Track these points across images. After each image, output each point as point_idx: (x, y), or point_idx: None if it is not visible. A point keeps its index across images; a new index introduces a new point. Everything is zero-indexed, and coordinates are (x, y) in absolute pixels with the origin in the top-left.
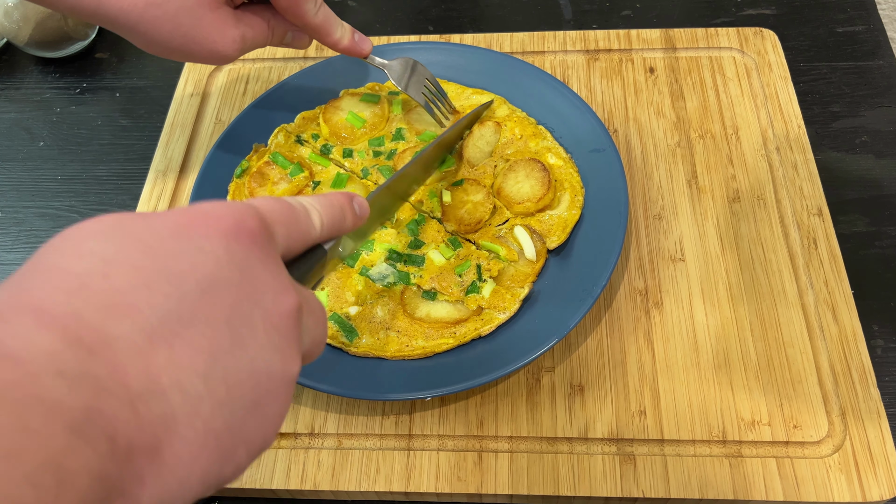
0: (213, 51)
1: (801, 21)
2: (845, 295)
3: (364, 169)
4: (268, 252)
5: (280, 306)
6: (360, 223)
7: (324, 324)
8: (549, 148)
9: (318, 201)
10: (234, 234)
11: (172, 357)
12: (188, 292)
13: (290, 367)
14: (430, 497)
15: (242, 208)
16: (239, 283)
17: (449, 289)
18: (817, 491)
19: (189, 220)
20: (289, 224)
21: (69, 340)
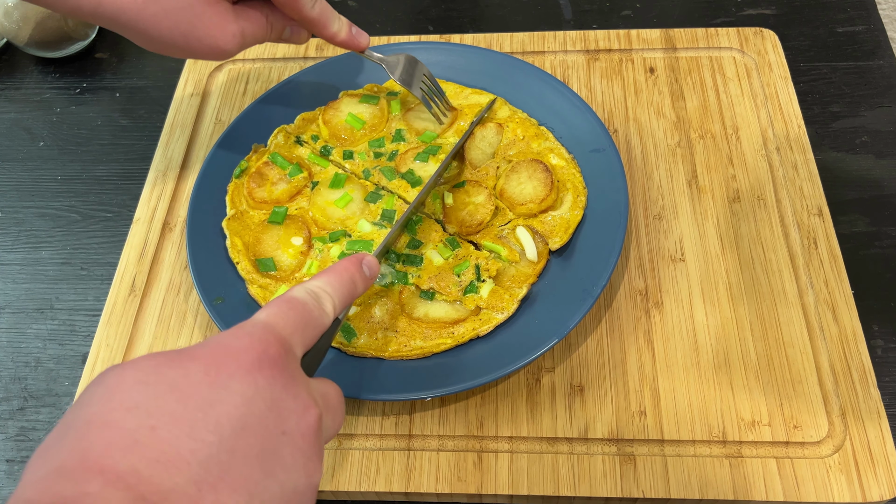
0: (213, 46)
1: (801, 21)
2: (845, 295)
3: (365, 170)
4: (289, 374)
5: (303, 426)
6: (371, 283)
7: (341, 411)
8: (552, 148)
9: (328, 283)
10: (258, 367)
11: (218, 500)
12: (226, 437)
13: (314, 478)
14: (430, 497)
15: (261, 335)
16: (267, 417)
17: (447, 289)
18: (817, 491)
19: (218, 360)
20: (306, 327)
21: (134, 497)
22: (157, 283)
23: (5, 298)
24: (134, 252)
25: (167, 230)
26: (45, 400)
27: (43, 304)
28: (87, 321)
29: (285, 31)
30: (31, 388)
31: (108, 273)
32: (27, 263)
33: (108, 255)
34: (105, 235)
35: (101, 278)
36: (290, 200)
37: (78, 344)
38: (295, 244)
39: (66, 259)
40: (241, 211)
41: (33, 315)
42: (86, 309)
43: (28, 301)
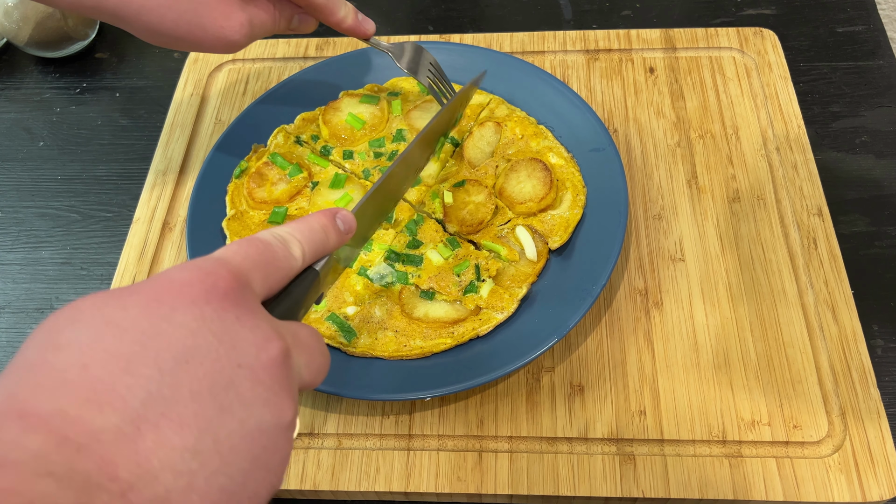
0: (219, 37)
1: (801, 21)
2: (845, 295)
3: (365, 170)
4: (244, 307)
5: (263, 359)
6: (347, 237)
7: (321, 354)
8: (551, 147)
9: (297, 228)
10: (206, 298)
11: (160, 438)
12: (167, 370)
13: (283, 416)
14: (430, 497)
15: (213, 268)
16: (217, 349)
17: (447, 288)
18: (817, 491)
19: (159, 293)
20: (267, 265)
21: (56, 440)
22: None
23: (5, 298)
24: (134, 252)
25: (167, 230)
26: None
27: (43, 304)
28: None
29: (293, 20)
30: None
31: (108, 273)
32: (27, 263)
33: (108, 254)
34: (105, 235)
35: (101, 278)
36: (290, 200)
37: None
38: None
39: (66, 259)
40: (241, 211)
41: (33, 315)
42: None
43: (28, 301)
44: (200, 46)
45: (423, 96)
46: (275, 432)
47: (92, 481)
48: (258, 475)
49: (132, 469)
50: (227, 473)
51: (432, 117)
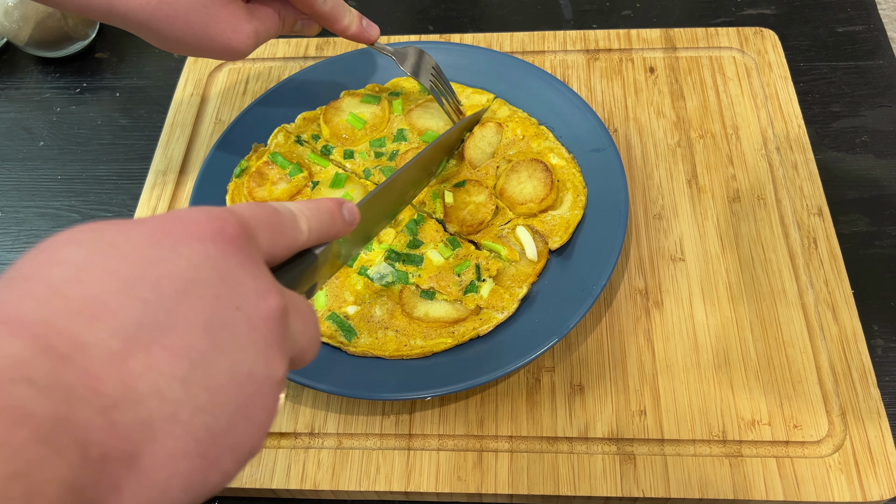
0: (226, 46)
1: (801, 21)
2: (845, 295)
3: (366, 170)
4: (248, 255)
5: (262, 308)
6: (350, 228)
7: (315, 326)
8: (552, 148)
9: (307, 206)
10: (212, 238)
11: (150, 362)
12: (165, 296)
13: (275, 371)
14: (430, 497)
15: (222, 213)
16: (218, 286)
17: (447, 288)
18: (817, 491)
19: (166, 226)
20: (273, 229)
21: (39, 347)
22: None
23: None
24: None
25: None
26: None
27: None
28: None
29: (296, 25)
30: None
31: None
32: None
33: None
34: None
35: None
36: (290, 200)
37: None
38: None
39: None
40: None
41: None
42: None
43: None
44: (208, 54)
45: (424, 96)
46: (265, 384)
47: (74, 393)
48: (242, 426)
49: (117, 387)
50: (213, 413)
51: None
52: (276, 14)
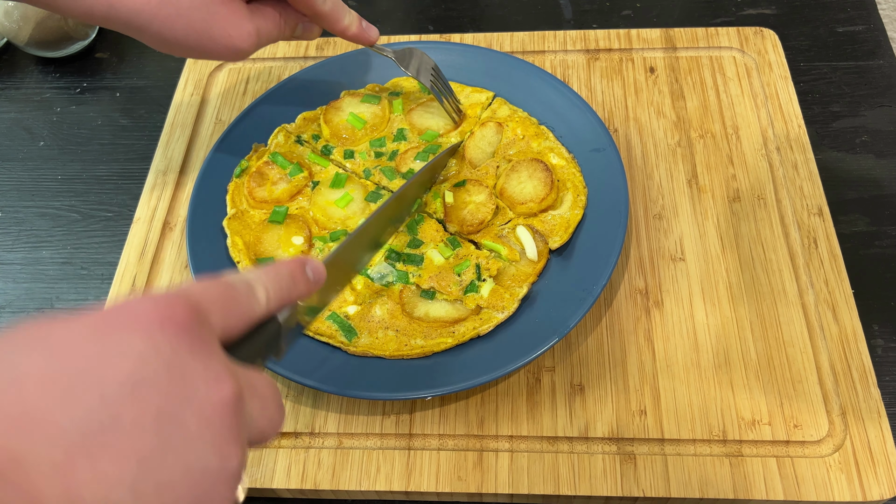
0: (228, 46)
1: (802, 21)
2: (845, 295)
3: (366, 170)
4: (199, 340)
5: (214, 398)
6: (315, 288)
7: (275, 404)
8: (552, 148)
9: (265, 273)
10: (159, 326)
11: (95, 470)
12: (109, 396)
13: (230, 462)
14: (431, 496)
15: (170, 298)
16: (166, 379)
17: (448, 288)
18: (817, 490)
19: (110, 319)
20: (226, 304)
21: None
22: (157, 283)
23: (6, 298)
24: (134, 252)
25: (167, 230)
26: None
27: (43, 304)
28: None
29: (298, 28)
30: None
31: (109, 273)
32: (27, 263)
33: (108, 254)
34: (105, 235)
35: (101, 278)
36: (290, 200)
37: None
38: (296, 244)
39: (67, 259)
40: (241, 210)
41: (34, 315)
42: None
43: (28, 301)
44: (209, 55)
45: (424, 95)
46: (220, 478)
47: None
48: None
49: (60, 499)
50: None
51: (412, 175)
52: (278, 14)
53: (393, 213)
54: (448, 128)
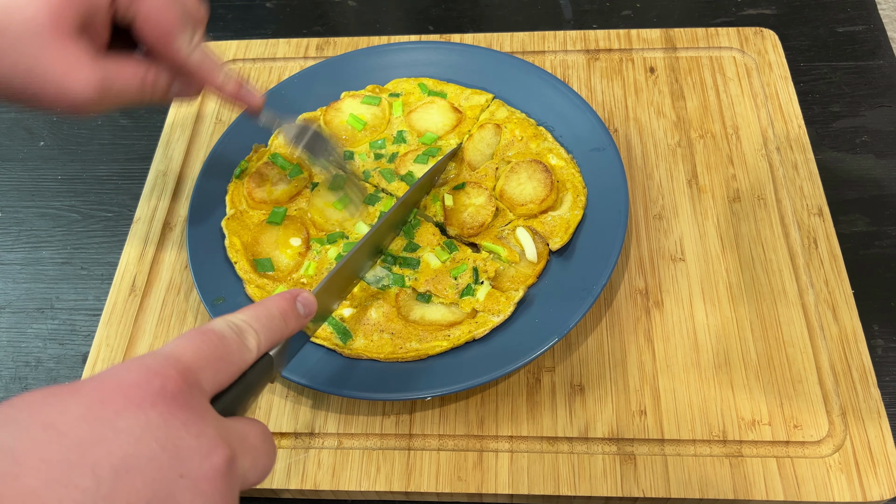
0: (62, 91)
1: (802, 21)
2: (845, 295)
3: (365, 171)
4: (191, 409)
5: (207, 469)
6: (306, 321)
7: (266, 454)
8: (551, 149)
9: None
10: (152, 402)
11: None
12: (105, 480)
13: None
14: (431, 497)
15: (161, 367)
16: (160, 458)
17: (444, 291)
18: (817, 491)
19: (102, 395)
20: (219, 362)
21: None
22: (157, 283)
23: (6, 298)
24: (134, 252)
25: (167, 230)
26: None
27: (43, 304)
28: (87, 321)
29: (174, 86)
30: (32, 388)
31: (109, 273)
32: (27, 263)
33: (108, 254)
34: (105, 235)
35: (101, 278)
36: (289, 201)
37: (78, 344)
38: (293, 245)
39: (67, 259)
40: (240, 211)
41: (34, 315)
42: (86, 309)
43: (28, 301)
44: (40, 101)
45: (424, 97)
46: None
47: None
48: None
49: None
50: None
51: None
52: (142, 66)
53: (395, 219)
54: (448, 129)
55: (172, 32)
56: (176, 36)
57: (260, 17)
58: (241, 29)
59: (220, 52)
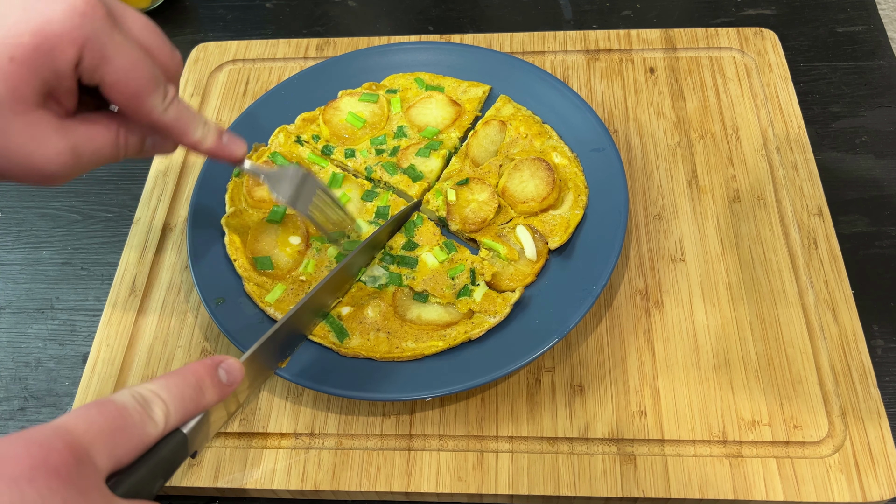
0: (29, 167)
1: (801, 21)
2: (845, 295)
3: (368, 167)
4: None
5: None
6: (229, 391)
7: None
8: (555, 147)
9: (164, 386)
10: (29, 476)
11: None
12: None
13: None
14: (431, 497)
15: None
16: None
17: (441, 291)
18: (817, 491)
19: None
20: (115, 434)
21: None
22: (157, 283)
23: (6, 298)
24: (134, 252)
25: (167, 230)
26: (45, 400)
27: (43, 305)
28: (87, 321)
29: (147, 143)
30: (32, 389)
31: (109, 273)
32: (28, 263)
33: (108, 255)
34: (105, 235)
35: (101, 278)
36: None
37: (78, 344)
38: (293, 243)
39: (67, 259)
40: (240, 209)
41: (34, 315)
42: (86, 309)
43: (28, 301)
44: (11, 176)
45: (422, 92)
46: None
47: None
48: None
49: None
50: None
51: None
52: (113, 131)
53: (337, 283)
54: (447, 122)
55: (143, 94)
56: (147, 97)
57: (260, 17)
58: (241, 29)
59: (220, 52)
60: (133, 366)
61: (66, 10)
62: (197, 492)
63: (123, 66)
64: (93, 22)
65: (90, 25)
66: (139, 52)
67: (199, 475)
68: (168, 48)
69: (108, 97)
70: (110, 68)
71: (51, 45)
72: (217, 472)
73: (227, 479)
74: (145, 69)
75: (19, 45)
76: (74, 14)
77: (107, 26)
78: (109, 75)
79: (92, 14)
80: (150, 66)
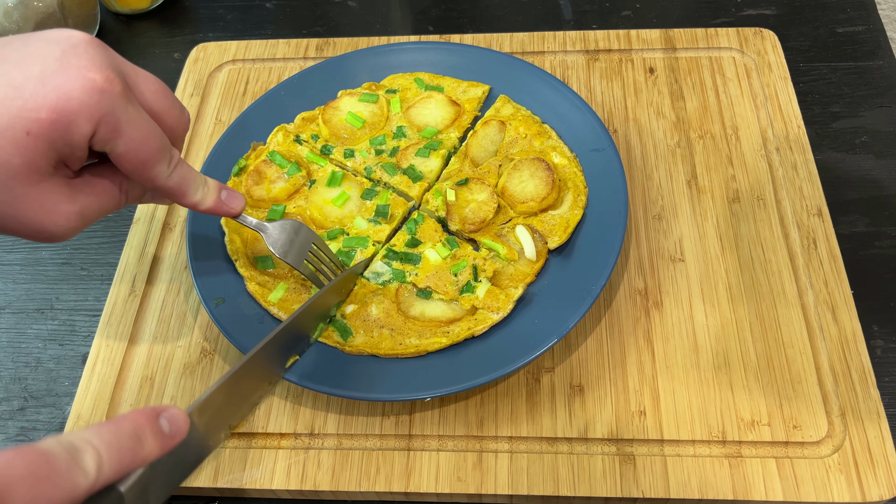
0: (40, 230)
1: (801, 21)
2: (845, 295)
3: (367, 167)
4: None
5: None
6: (172, 444)
7: None
8: (555, 147)
9: (99, 435)
10: None
11: None
12: None
13: None
14: (430, 497)
15: None
16: None
17: (444, 288)
18: (817, 491)
19: None
20: (37, 483)
21: None
22: (157, 284)
23: (6, 299)
24: (134, 252)
25: (167, 230)
26: (45, 400)
27: (43, 305)
28: (87, 321)
29: (146, 194)
30: (32, 389)
31: (109, 273)
32: (27, 263)
33: (108, 255)
34: (105, 235)
35: (101, 278)
36: (288, 199)
37: (78, 344)
38: None
39: (67, 259)
40: None
41: (33, 315)
42: (86, 309)
43: (28, 301)
44: (21, 236)
45: (421, 93)
46: None
47: None
48: None
49: None
50: None
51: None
52: (116, 187)
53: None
54: (447, 123)
55: (150, 164)
56: (154, 166)
57: (260, 17)
58: (241, 29)
59: (219, 52)
60: (133, 366)
61: (86, 86)
62: (196, 492)
63: (135, 138)
64: (110, 98)
65: (107, 102)
66: (150, 125)
67: (198, 475)
68: (177, 110)
69: (117, 164)
70: (122, 141)
71: (68, 121)
72: (216, 472)
73: (226, 480)
74: (154, 141)
75: (37, 119)
76: (94, 91)
77: (123, 101)
78: (120, 147)
79: (110, 91)
80: (160, 136)
